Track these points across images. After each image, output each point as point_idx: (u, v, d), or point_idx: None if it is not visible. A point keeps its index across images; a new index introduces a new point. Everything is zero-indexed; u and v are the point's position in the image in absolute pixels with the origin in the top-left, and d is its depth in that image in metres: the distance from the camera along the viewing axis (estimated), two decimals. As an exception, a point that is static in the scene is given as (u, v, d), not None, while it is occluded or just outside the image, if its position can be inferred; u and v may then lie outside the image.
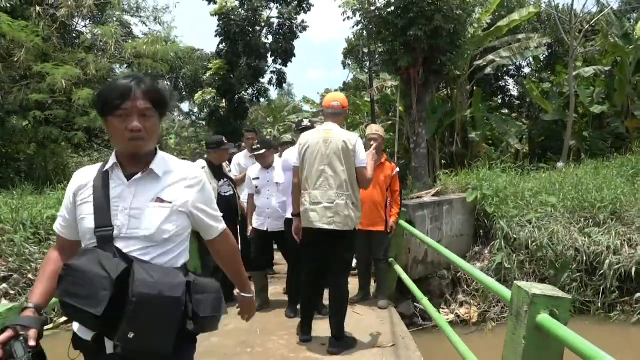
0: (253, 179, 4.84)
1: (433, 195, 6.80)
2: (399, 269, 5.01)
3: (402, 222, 5.00)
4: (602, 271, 6.23)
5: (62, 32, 12.48)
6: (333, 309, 3.73)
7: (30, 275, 5.82)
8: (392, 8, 8.78)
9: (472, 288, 6.45)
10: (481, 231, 7.00)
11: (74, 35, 13.27)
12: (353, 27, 9.75)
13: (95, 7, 11.93)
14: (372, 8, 9.12)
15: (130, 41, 11.60)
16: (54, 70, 10.51)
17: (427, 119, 9.70)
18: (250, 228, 4.88)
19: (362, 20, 9.49)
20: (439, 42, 8.58)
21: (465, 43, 9.86)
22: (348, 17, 9.60)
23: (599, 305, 6.16)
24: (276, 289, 5.58)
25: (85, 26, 14.03)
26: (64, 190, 7.24)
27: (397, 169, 5.00)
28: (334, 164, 3.64)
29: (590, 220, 6.87)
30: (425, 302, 3.95)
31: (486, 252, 6.77)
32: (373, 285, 5.28)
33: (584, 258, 6.34)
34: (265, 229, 4.76)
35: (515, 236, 6.52)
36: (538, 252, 6.35)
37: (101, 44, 11.99)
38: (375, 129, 4.81)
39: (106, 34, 11.03)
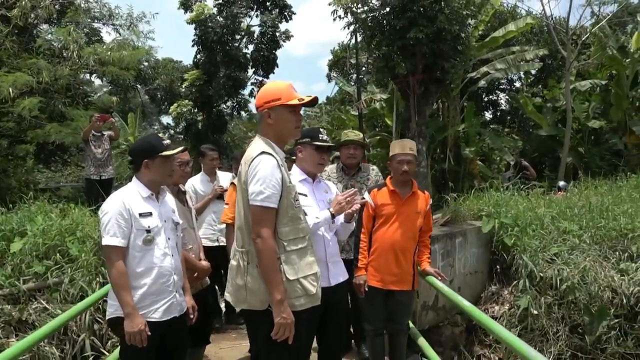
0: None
1: (442, 225, 5.73)
2: (422, 340, 3.74)
3: (430, 278, 3.62)
4: (646, 317, 5.20)
5: (25, 37, 11.23)
6: None
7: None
8: (388, 8, 7.76)
9: (492, 338, 5.36)
10: (498, 267, 5.93)
11: (32, 40, 11.98)
12: (344, 28, 8.67)
13: (54, 9, 10.71)
14: (365, 8, 8.07)
15: (92, 46, 10.31)
16: (4, 78, 9.27)
17: (427, 134, 8.67)
18: None
19: (354, 22, 8.46)
20: (442, 47, 7.58)
21: (470, 48, 8.89)
22: (339, 17, 8.56)
23: (646, 360, 5.12)
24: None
25: (47, 31, 12.75)
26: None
27: (431, 201, 3.69)
28: (241, 200, 2.48)
29: (622, 253, 5.86)
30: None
31: (505, 292, 5.70)
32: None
33: (623, 301, 5.31)
34: None
35: (541, 274, 5.45)
36: (570, 294, 5.30)
37: (60, 48, 10.71)
38: (409, 147, 3.42)
39: (62, 36, 9.75)
